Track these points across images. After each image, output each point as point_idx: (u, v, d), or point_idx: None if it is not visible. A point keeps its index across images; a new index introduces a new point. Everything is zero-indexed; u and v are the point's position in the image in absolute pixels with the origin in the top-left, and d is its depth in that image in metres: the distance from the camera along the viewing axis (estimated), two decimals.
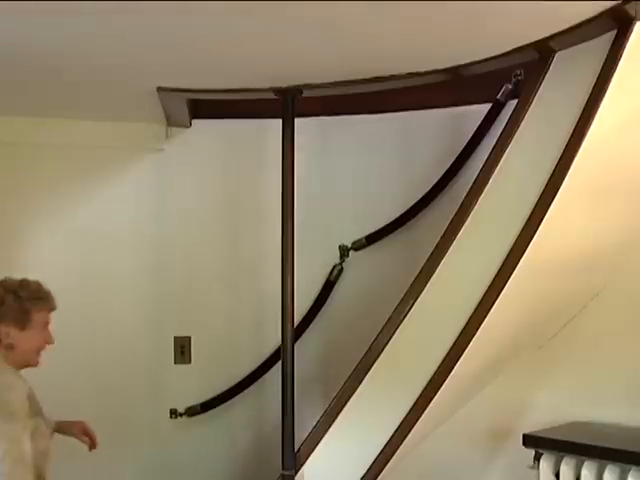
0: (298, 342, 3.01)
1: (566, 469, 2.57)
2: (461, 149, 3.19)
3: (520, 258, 2.32)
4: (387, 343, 2.61)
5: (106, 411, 3.25)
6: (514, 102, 2.57)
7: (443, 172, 3.19)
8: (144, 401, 3.32)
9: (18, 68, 2.54)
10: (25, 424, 2.25)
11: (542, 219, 2.27)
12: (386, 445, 2.65)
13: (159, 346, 3.35)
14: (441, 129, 3.25)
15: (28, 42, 2.30)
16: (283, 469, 2.78)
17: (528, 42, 2.26)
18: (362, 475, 2.69)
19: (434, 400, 2.55)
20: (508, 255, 2.35)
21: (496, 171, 2.42)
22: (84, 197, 3.35)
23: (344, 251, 3.40)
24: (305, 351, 3.19)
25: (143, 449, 3.32)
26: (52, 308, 2.49)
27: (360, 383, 2.67)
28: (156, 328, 3.36)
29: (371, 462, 2.69)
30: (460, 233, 2.48)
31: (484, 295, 2.40)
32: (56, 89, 2.83)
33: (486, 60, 2.41)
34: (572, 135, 2.20)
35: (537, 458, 2.65)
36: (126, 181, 3.39)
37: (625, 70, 2.11)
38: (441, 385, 2.52)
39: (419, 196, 3.25)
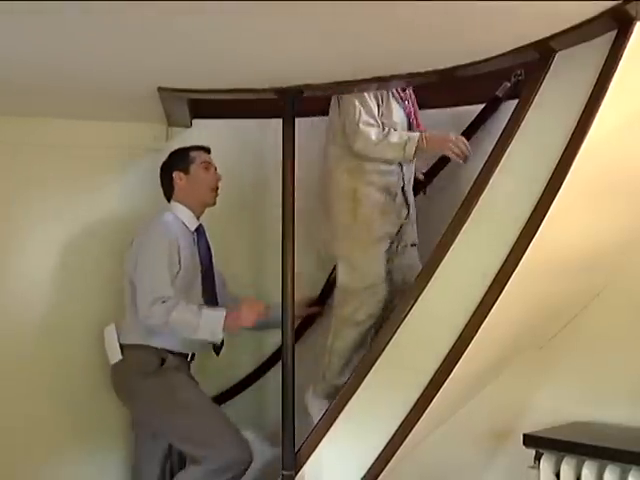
0: (298, 342, 3.01)
1: (567, 469, 2.57)
2: None
3: (521, 258, 2.32)
4: (388, 343, 2.61)
5: (107, 411, 3.25)
6: (514, 102, 2.56)
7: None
8: None
9: (18, 69, 2.54)
10: None
11: (543, 219, 2.27)
12: (387, 445, 2.65)
13: None
14: (441, 129, 3.25)
15: (28, 43, 2.30)
16: (283, 469, 2.78)
17: (528, 42, 2.26)
18: (363, 475, 2.69)
19: (435, 400, 2.54)
20: (509, 255, 2.34)
21: (497, 171, 2.42)
22: (84, 197, 3.34)
23: None
24: (305, 351, 3.19)
25: None
26: None
27: (361, 383, 2.67)
28: None
29: (372, 462, 2.68)
30: (460, 233, 2.48)
31: (485, 295, 2.40)
32: (56, 89, 2.83)
33: (486, 60, 2.41)
34: (573, 135, 2.20)
35: (538, 458, 2.65)
36: (126, 181, 3.38)
37: (626, 70, 2.11)
38: (442, 385, 2.51)
39: None
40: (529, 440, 2.68)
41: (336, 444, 2.74)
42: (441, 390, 2.52)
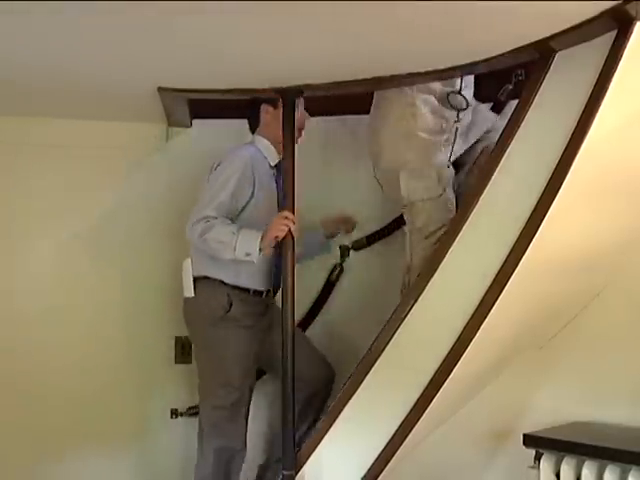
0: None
1: (567, 469, 2.57)
2: None
3: (521, 258, 2.32)
4: (388, 343, 2.62)
5: (107, 411, 3.26)
6: (515, 102, 2.57)
7: None
8: (145, 401, 3.32)
9: (19, 69, 2.55)
10: None
11: (543, 219, 2.27)
12: (387, 445, 2.65)
13: (160, 346, 3.35)
14: None
15: (29, 43, 2.30)
16: (283, 469, 2.78)
17: (528, 42, 2.26)
18: (363, 475, 2.69)
19: (435, 400, 2.55)
20: (509, 255, 2.34)
21: (497, 171, 2.42)
22: (85, 197, 3.35)
23: (344, 251, 3.40)
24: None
25: (144, 449, 3.32)
26: None
27: (361, 383, 2.67)
28: (157, 328, 3.36)
29: (372, 462, 2.69)
30: (461, 233, 2.48)
31: (485, 295, 2.40)
32: (57, 89, 2.83)
33: (486, 60, 2.41)
34: (573, 135, 2.20)
35: (538, 458, 2.65)
36: (126, 181, 3.39)
37: (626, 70, 2.11)
38: (442, 385, 2.52)
39: None
40: (529, 440, 2.68)
41: (336, 444, 2.75)
42: (441, 390, 2.52)
